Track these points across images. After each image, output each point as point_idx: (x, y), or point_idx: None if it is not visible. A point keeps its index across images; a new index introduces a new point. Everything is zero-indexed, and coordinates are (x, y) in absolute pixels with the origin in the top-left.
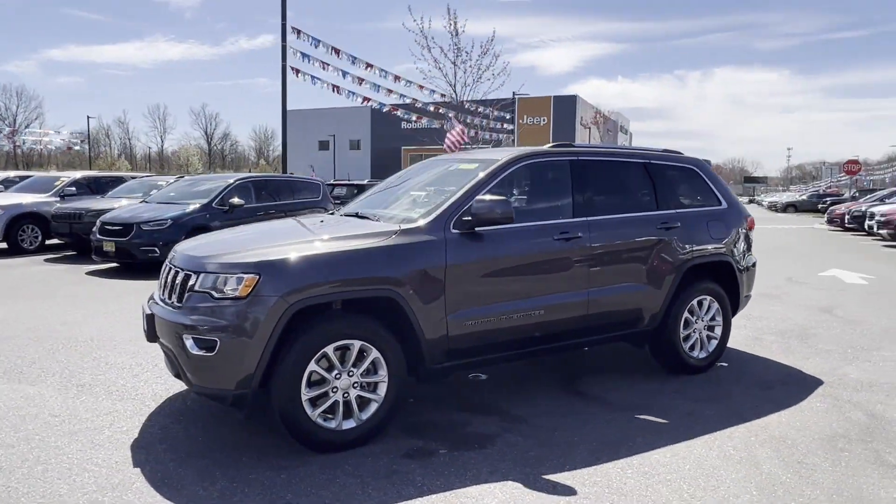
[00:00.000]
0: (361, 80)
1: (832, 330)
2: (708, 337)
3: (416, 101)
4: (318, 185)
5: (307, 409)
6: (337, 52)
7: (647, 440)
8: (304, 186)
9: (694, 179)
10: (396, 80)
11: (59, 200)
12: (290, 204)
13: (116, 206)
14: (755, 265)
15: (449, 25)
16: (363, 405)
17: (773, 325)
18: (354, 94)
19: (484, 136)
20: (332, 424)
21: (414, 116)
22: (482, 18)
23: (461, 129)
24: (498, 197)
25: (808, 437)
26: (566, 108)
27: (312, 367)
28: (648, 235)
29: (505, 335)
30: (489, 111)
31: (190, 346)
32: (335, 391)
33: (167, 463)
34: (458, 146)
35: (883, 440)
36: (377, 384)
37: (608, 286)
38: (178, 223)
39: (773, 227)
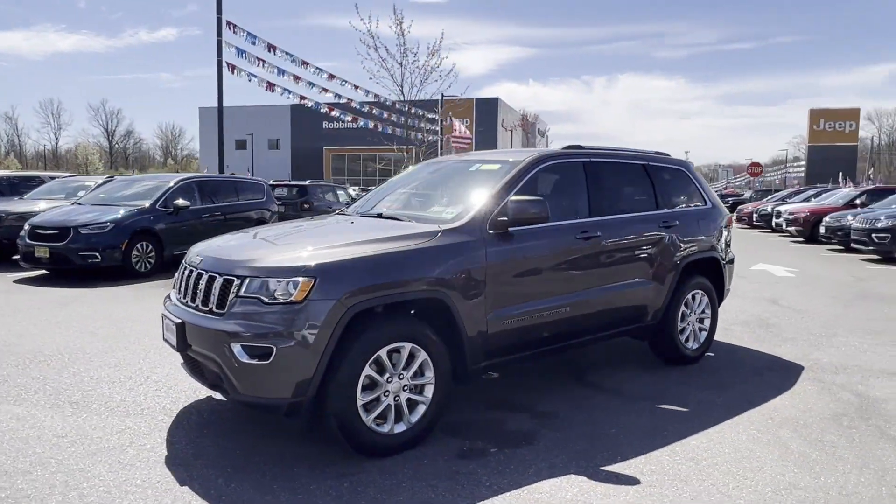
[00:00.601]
0: (297, 77)
1: (787, 319)
2: (699, 329)
3: (350, 100)
4: (261, 185)
5: (362, 414)
6: (272, 48)
7: (677, 428)
8: (248, 187)
9: (683, 179)
10: (331, 78)
11: None
12: (235, 205)
13: (37, 208)
14: (734, 260)
15: (395, 26)
16: (411, 408)
17: (735, 316)
18: (290, 92)
19: (416, 136)
20: (384, 429)
21: (349, 116)
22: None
23: (465, 130)
24: (533, 197)
25: (815, 417)
26: (489, 110)
27: (367, 371)
28: (653, 234)
29: (536, 333)
30: (422, 112)
31: (239, 354)
32: (387, 395)
33: (214, 479)
34: (464, 146)
35: (880, 417)
36: (424, 386)
37: (620, 283)
38: (120, 226)
39: None
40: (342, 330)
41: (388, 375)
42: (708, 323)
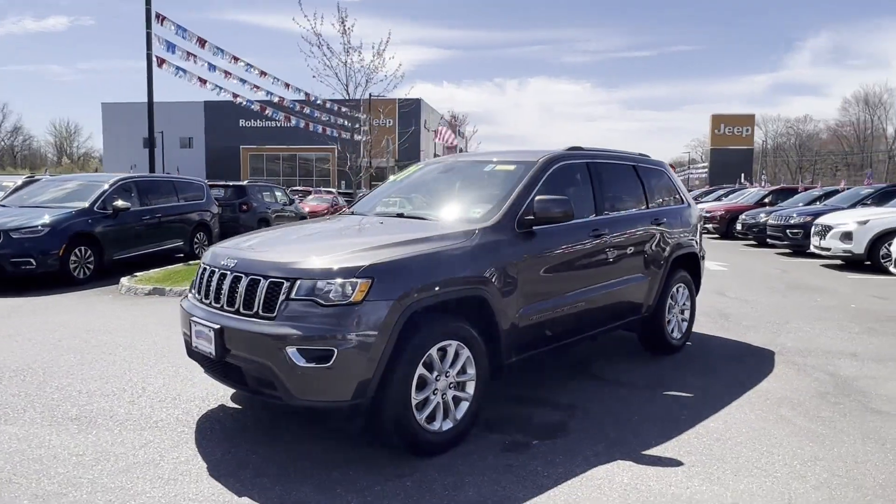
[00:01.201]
0: (228, 73)
1: (740, 309)
2: (681, 320)
3: (283, 99)
4: (201, 185)
5: (416, 413)
6: (202, 42)
7: (691, 413)
8: (187, 187)
9: (664, 179)
10: (263, 75)
11: None
12: (177, 207)
13: None
14: (705, 256)
15: (338, 24)
16: (456, 405)
17: None
18: (222, 88)
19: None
20: (434, 427)
21: (282, 115)
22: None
23: (451, 136)
24: (559, 196)
25: (804, 395)
26: (412, 110)
27: (420, 370)
28: (647, 231)
29: (557, 327)
30: (346, 111)
31: (295, 357)
32: (436, 393)
33: (272, 488)
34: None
35: (857, 393)
36: (466, 383)
37: (624, 278)
38: (56, 230)
39: None
40: (400, 330)
41: (436, 374)
42: (688, 314)
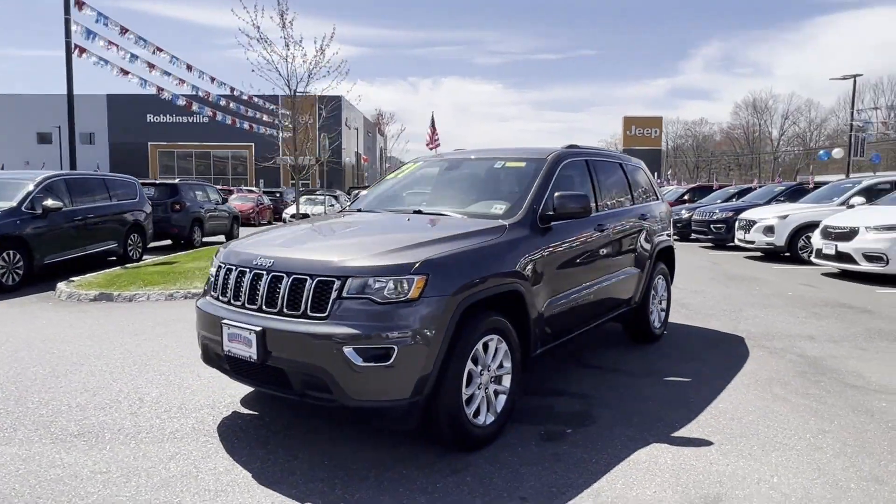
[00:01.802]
0: (152, 65)
1: (696, 299)
2: (661, 310)
3: (208, 94)
4: (133, 183)
5: (465, 408)
6: (124, 31)
7: (699, 396)
8: (119, 185)
9: (643, 177)
10: (189, 69)
11: None
12: (109, 206)
13: None
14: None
15: (277, 18)
16: (496, 398)
17: None
18: (147, 81)
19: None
20: (480, 421)
21: (208, 110)
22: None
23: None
24: (577, 192)
25: (787, 375)
26: (332, 108)
27: (469, 365)
28: (636, 226)
29: (572, 319)
30: (273, 108)
31: (353, 357)
32: (480, 388)
33: (331, 491)
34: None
35: (831, 371)
36: (503, 377)
37: (622, 269)
38: None
39: None
40: (455, 325)
41: (480, 368)
42: (665, 304)
